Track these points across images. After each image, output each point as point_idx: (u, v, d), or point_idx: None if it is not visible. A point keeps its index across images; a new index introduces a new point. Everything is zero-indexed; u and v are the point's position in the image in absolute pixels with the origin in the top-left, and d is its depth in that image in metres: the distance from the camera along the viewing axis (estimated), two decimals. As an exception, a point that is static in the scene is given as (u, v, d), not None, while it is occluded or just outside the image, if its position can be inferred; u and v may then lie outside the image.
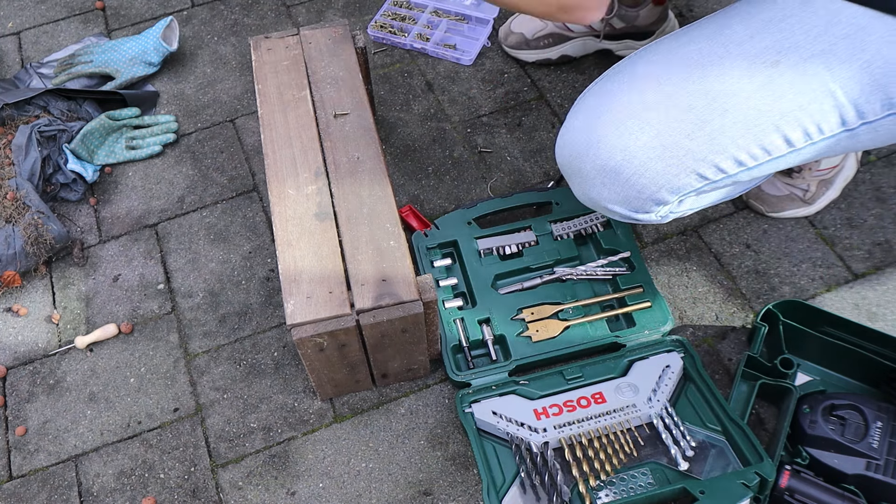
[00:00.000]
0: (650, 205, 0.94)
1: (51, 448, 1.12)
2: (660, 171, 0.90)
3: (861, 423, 0.97)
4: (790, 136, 0.86)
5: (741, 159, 0.89)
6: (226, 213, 1.35)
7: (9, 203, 1.27)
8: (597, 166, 0.93)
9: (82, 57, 1.51)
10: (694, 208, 0.99)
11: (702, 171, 0.90)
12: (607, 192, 0.94)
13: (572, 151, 0.96)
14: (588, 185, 0.96)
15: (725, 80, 0.86)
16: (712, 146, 0.88)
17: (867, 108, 0.84)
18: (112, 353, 1.20)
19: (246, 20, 1.64)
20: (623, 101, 0.91)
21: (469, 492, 1.05)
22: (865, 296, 1.17)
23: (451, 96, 1.48)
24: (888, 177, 1.29)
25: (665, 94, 0.89)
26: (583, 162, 0.94)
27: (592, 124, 0.93)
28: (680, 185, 0.91)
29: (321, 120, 1.15)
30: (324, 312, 0.95)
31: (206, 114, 1.49)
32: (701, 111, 0.87)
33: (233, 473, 1.08)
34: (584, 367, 1.10)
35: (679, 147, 0.88)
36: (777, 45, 0.84)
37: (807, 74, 0.83)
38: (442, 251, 1.23)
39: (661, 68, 0.91)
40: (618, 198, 0.94)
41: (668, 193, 0.92)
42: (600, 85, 0.96)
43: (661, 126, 0.88)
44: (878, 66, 0.81)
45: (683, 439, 1.01)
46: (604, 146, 0.91)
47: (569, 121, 0.98)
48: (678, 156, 0.88)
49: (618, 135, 0.90)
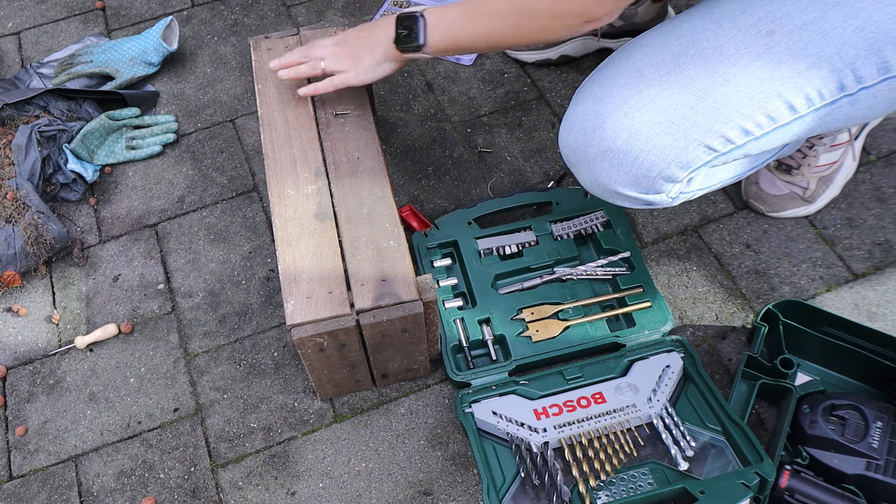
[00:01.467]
0: (660, 183, 0.93)
1: (51, 448, 1.12)
2: (667, 145, 0.89)
3: (861, 423, 0.97)
4: (793, 102, 0.87)
5: (747, 128, 0.89)
6: (226, 213, 1.35)
7: (9, 203, 1.27)
8: (603, 149, 0.92)
9: (82, 57, 1.51)
10: (704, 188, 0.99)
11: (709, 142, 0.90)
12: (616, 174, 0.93)
13: (576, 138, 0.95)
14: (596, 170, 0.95)
15: (723, 52, 0.87)
16: (717, 116, 0.88)
17: (864, 73, 0.85)
18: (112, 353, 1.20)
19: (246, 20, 1.64)
20: (622, 82, 0.91)
21: (469, 492, 1.05)
22: (865, 296, 1.17)
23: (451, 96, 1.48)
24: (888, 177, 1.29)
25: (664, 71, 0.89)
26: (588, 147, 0.94)
27: (594, 108, 0.93)
28: (689, 158, 0.91)
29: (321, 120, 1.15)
30: (324, 312, 0.95)
31: (206, 114, 1.49)
32: (702, 83, 0.87)
33: (233, 473, 1.08)
34: (584, 367, 1.10)
35: (684, 120, 0.88)
36: (769, 16, 0.86)
37: (802, 41, 0.85)
38: (442, 251, 1.23)
39: (658, 49, 0.91)
40: (627, 179, 0.93)
41: (677, 169, 0.91)
42: (598, 73, 0.96)
43: (663, 101, 0.88)
44: (870, 30, 0.83)
45: (683, 439, 1.01)
46: (608, 127, 0.91)
47: (570, 110, 0.97)
48: (684, 128, 0.88)
49: (621, 114, 0.90)
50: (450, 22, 1.00)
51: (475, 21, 0.97)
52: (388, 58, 1.07)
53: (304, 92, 1.13)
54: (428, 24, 1.00)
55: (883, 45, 0.83)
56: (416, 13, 1.01)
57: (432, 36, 1.00)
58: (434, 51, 1.02)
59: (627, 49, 0.95)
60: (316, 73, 1.12)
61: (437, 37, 1.00)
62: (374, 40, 1.08)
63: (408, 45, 1.02)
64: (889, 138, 1.34)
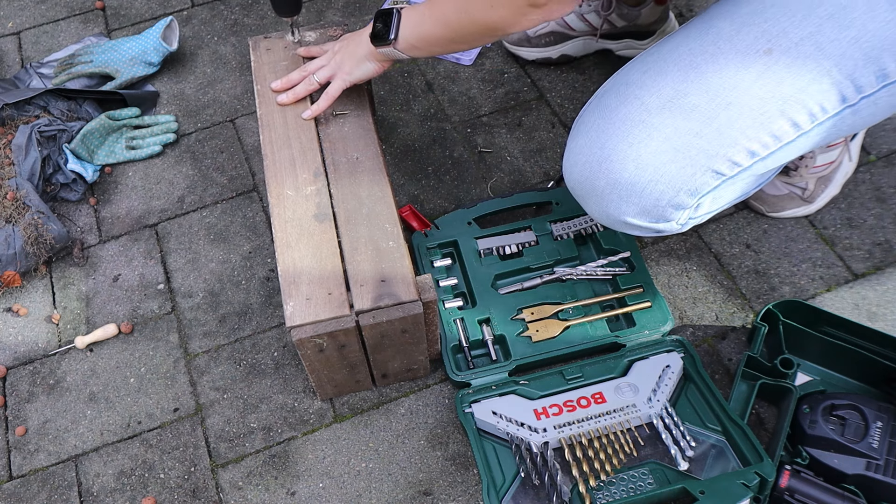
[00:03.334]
0: (670, 211, 0.93)
1: (51, 448, 1.12)
2: (675, 174, 0.89)
3: (861, 423, 0.97)
4: (796, 119, 0.87)
5: (753, 149, 0.88)
6: (226, 213, 1.35)
7: (9, 203, 1.27)
8: (610, 181, 0.92)
9: (82, 57, 1.51)
10: (711, 211, 0.98)
11: (717, 167, 0.89)
12: (625, 205, 0.93)
13: (582, 172, 0.95)
14: (605, 203, 0.95)
15: (723, 75, 0.86)
16: (723, 140, 0.87)
17: (863, 82, 0.85)
18: (112, 353, 1.20)
19: (246, 20, 1.64)
20: (623, 112, 0.91)
21: (469, 492, 1.05)
22: (865, 296, 1.17)
23: (451, 96, 1.48)
24: (888, 177, 1.29)
25: (665, 98, 0.88)
26: (595, 180, 0.93)
27: (598, 140, 0.92)
28: (697, 185, 0.90)
29: (320, 120, 1.15)
30: (323, 314, 0.95)
31: (206, 114, 1.49)
32: (705, 108, 0.87)
33: (233, 473, 1.08)
34: (584, 367, 1.10)
35: (690, 147, 0.88)
36: (765, 35, 0.85)
37: (800, 57, 0.84)
38: (442, 251, 1.23)
39: (656, 75, 0.91)
40: (637, 210, 0.93)
41: (686, 196, 0.91)
42: (596, 102, 0.96)
43: (668, 130, 0.88)
44: (865, 40, 0.83)
45: (683, 439, 1.01)
46: (614, 160, 0.90)
47: (572, 142, 0.97)
48: (691, 155, 0.88)
49: (626, 145, 0.89)
50: (418, 15, 1.01)
51: (435, 8, 0.98)
52: (368, 56, 1.09)
53: (308, 115, 1.14)
54: (402, 20, 1.02)
55: (879, 54, 0.83)
56: (393, 8, 1.02)
57: (403, 30, 1.01)
58: (405, 46, 1.02)
59: (625, 75, 0.95)
60: (312, 87, 1.14)
61: (406, 30, 1.01)
62: (358, 39, 1.10)
63: (381, 39, 1.03)
64: (889, 138, 1.34)
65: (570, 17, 1.43)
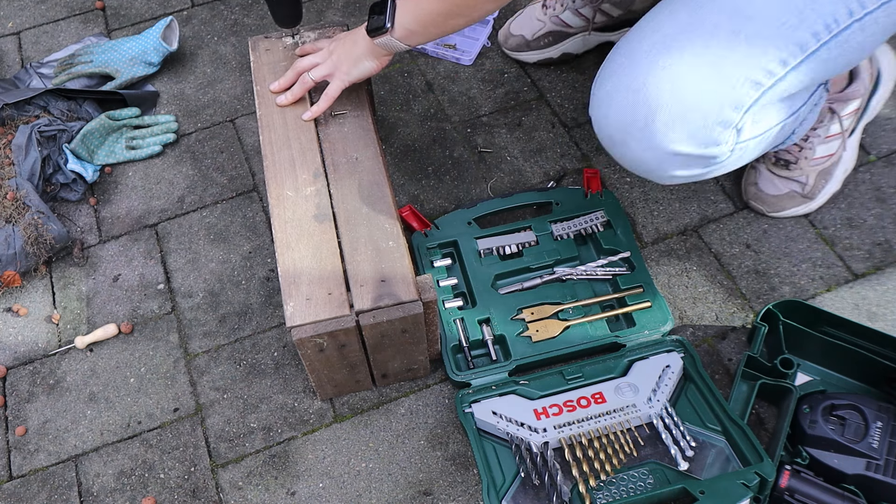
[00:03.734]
0: (718, 130, 0.91)
1: (51, 448, 1.12)
2: (715, 88, 0.89)
3: (861, 423, 0.97)
4: (815, 29, 0.89)
5: (783, 57, 0.89)
6: (226, 213, 1.35)
7: (9, 203, 1.27)
8: (651, 109, 0.90)
9: (82, 57, 1.51)
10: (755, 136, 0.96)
11: (753, 76, 0.89)
12: (672, 132, 0.91)
13: (618, 112, 0.94)
14: (649, 136, 0.92)
15: None
16: (753, 50, 0.89)
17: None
18: (112, 353, 1.20)
19: (246, 20, 1.64)
20: (647, 45, 0.91)
21: (469, 492, 1.05)
22: (865, 296, 1.17)
23: (451, 96, 1.48)
24: (888, 177, 1.29)
25: (685, 24, 0.90)
26: (634, 114, 0.92)
27: (627, 76, 0.92)
28: (738, 97, 0.90)
29: (320, 121, 1.15)
30: (323, 314, 0.95)
31: (206, 114, 1.49)
32: (727, 24, 0.88)
33: (233, 473, 1.08)
34: (584, 367, 1.10)
35: (724, 60, 0.88)
36: None
37: None
38: (442, 251, 1.23)
39: (671, 14, 0.92)
40: (684, 134, 0.91)
41: (731, 111, 0.90)
42: (615, 50, 0.96)
43: (696, 48, 0.89)
44: None
45: (683, 439, 1.01)
46: (650, 86, 0.90)
47: (599, 90, 0.96)
48: (726, 67, 0.89)
49: (659, 69, 0.89)
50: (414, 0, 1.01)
51: None
52: (366, 54, 1.09)
53: (307, 117, 1.14)
54: (397, 8, 1.02)
55: None
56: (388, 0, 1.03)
57: (399, 16, 1.02)
58: (403, 33, 1.03)
59: (637, 26, 0.95)
60: (308, 86, 1.14)
61: (402, 16, 1.01)
62: (353, 38, 1.10)
63: (377, 30, 1.03)
64: (889, 138, 1.34)
65: (565, 14, 1.43)
